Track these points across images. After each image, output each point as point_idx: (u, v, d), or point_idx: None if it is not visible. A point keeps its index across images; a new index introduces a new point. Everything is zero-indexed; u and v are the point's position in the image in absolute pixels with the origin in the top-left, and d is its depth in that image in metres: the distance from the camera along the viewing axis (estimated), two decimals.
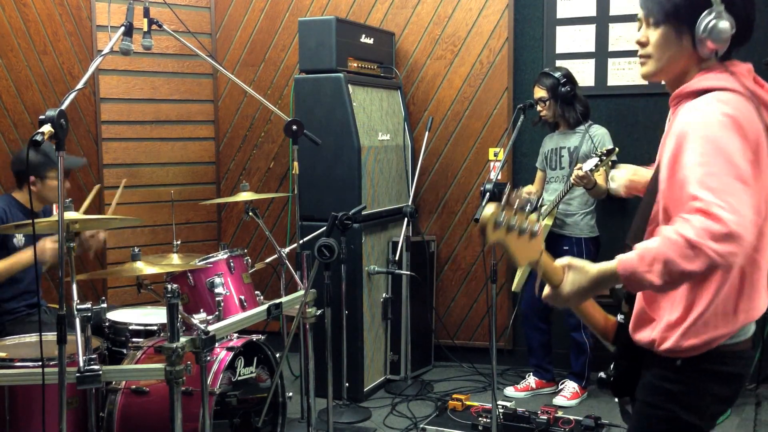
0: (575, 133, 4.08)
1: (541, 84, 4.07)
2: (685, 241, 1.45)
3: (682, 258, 1.46)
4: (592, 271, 1.61)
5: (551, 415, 3.60)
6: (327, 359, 3.19)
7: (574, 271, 1.62)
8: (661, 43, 1.69)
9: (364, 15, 4.88)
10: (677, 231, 1.48)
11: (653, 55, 1.72)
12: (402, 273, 4.33)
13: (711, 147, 1.51)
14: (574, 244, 4.04)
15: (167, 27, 3.38)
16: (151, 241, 4.88)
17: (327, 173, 4.17)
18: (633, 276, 1.53)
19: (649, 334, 1.72)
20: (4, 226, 3.15)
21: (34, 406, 2.72)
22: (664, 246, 1.49)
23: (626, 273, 1.55)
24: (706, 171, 1.49)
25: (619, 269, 1.56)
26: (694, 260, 1.45)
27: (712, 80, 1.64)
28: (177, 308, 2.52)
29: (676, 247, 1.47)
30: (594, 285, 1.61)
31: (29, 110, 4.38)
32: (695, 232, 1.45)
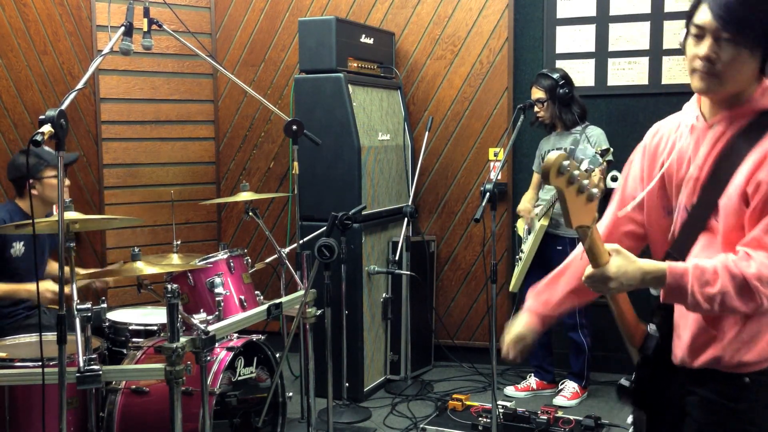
0: (571, 134, 4.07)
1: (539, 85, 4.07)
2: (743, 279, 1.50)
3: (738, 295, 1.51)
4: (640, 263, 1.59)
5: (551, 415, 3.60)
6: (327, 359, 3.19)
7: (623, 257, 1.58)
8: (737, 63, 1.60)
9: (364, 15, 4.88)
10: (738, 265, 1.52)
11: (723, 74, 1.62)
12: (402, 273, 4.33)
13: None
14: (568, 244, 4.05)
15: (167, 27, 3.38)
16: (151, 241, 4.88)
17: (327, 173, 4.17)
18: (680, 288, 1.55)
19: (713, 353, 1.68)
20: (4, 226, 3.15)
21: (34, 406, 2.72)
22: (723, 274, 1.53)
23: (674, 282, 1.55)
24: None
25: (668, 274, 1.56)
26: (748, 302, 1.51)
27: None
28: (177, 308, 2.52)
29: (734, 282, 1.51)
30: (639, 276, 1.58)
31: (29, 110, 4.38)
32: (755, 274, 1.50)
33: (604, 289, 1.60)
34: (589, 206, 1.54)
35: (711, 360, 1.67)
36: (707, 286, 1.52)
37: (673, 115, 1.85)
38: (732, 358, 1.65)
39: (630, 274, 1.57)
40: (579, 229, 1.54)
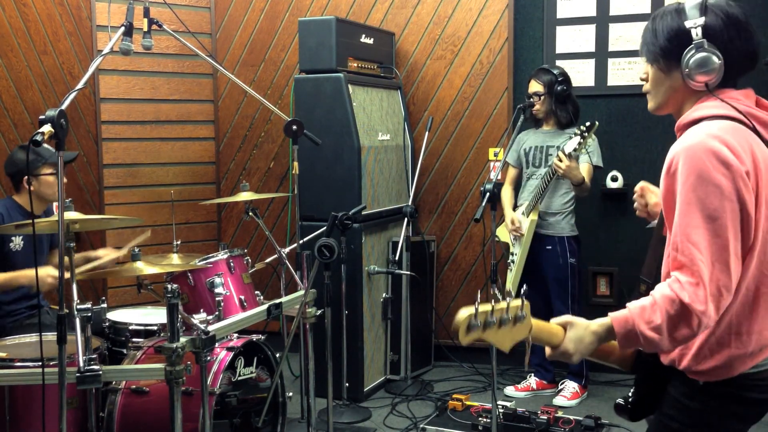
0: (565, 133, 4.07)
1: (539, 79, 4.09)
2: (680, 302, 1.54)
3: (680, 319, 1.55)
4: (592, 327, 1.64)
5: (551, 415, 3.60)
6: (327, 359, 3.19)
7: (575, 329, 1.64)
8: (655, 79, 1.77)
9: (364, 15, 4.88)
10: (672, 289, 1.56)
11: (651, 92, 1.79)
12: (402, 273, 4.33)
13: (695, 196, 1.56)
14: (557, 243, 4.07)
15: (167, 27, 3.38)
16: (151, 241, 4.86)
17: (327, 173, 4.17)
18: (628, 332, 1.59)
19: (672, 355, 1.73)
20: (4, 226, 3.15)
21: (34, 406, 2.72)
22: (661, 302, 1.57)
23: (622, 329, 1.60)
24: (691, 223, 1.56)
25: (613, 324, 1.61)
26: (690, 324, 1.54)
27: (704, 109, 1.67)
28: (177, 308, 2.52)
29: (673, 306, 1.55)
30: (595, 339, 1.64)
31: (29, 110, 4.38)
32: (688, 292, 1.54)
33: (570, 361, 1.66)
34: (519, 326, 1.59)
35: (670, 360, 1.74)
36: (652, 320, 1.57)
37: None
38: (681, 361, 1.70)
39: (587, 341, 1.64)
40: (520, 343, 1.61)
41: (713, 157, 1.56)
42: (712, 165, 1.56)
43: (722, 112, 1.65)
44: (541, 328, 1.64)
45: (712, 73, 1.64)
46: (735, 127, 1.62)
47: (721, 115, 1.64)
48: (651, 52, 1.74)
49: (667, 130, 1.86)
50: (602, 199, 4.49)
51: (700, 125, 1.64)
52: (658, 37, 1.72)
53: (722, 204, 1.55)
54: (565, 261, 4.06)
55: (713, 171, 1.55)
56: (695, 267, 1.54)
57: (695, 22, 1.65)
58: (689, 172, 1.57)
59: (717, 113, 1.65)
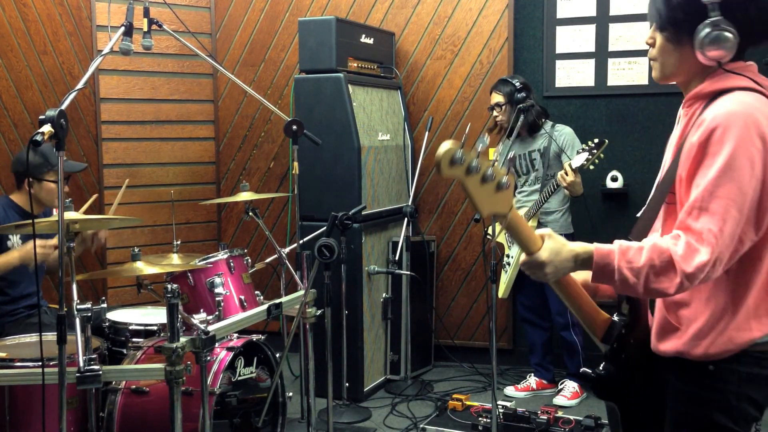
0: (539, 136, 4.11)
1: (498, 90, 4.15)
2: (669, 256, 1.52)
3: (663, 270, 1.52)
4: (571, 246, 1.62)
5: (551, 415, 3.60)
6: (327, 359, 3.19)
7: (554, 241, 1.61)
8: (663, 48, 1.70)
9: (364, 15, 4.88)
10: (666, 242, 1.54)
11: (658, 59, 1.73)
12: (402, 273, 4.33)
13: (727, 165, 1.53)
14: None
15: (167, 27, 3.38)
16: (151, 241, 4.88)
17: (327, 173, 4.17)
18: (606, 265, 1.57)
19: (676, 345, 1.68)
20: (4, 226, 3.15)
21: (34, 406, 2.72)
22: (649, 249, 1.55)
23: (601, 260, 1.57)
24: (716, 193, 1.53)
25: (595, 253, 1.58)
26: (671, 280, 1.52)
27: (732, 80, 1.63)
28: (177, 308, 2.52)
29: (661, 257, 1.53)
30: (571, 258, 1.61)
31: (29, 110, 4.38)
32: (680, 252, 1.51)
33: (540, 274, 1.62)
34: (500, 195, 1.53)
35: (674, 352, 1.69)
36: (633, 261, 1.54)
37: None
38: (693, 351, 1.66)
39: (563, 257, 1.60)
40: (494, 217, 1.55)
41: (752, 130, 1.53)
42: (750, 138, 1.53)
43: (749, 84, 1.62)
44: (521, 223, 1.60)
45: (727, 50, 1.59)
46: (762, 100, 1.60)
47: (749, 87, 1.61)
48: (661, 19, 1.67)
49: (667, 130, 1.84)
50: (602, 199, 4.49)
51: (735, 95, 1.60)
52: (671, 6, 1.64)
53: (750, 181, 1.53)
54: None
55: (750, 144, 1.53)
56: (704, 234, 1.51)
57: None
58: (731, 140, 1.53)
59: (746, 85, 1.62)
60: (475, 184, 1.50)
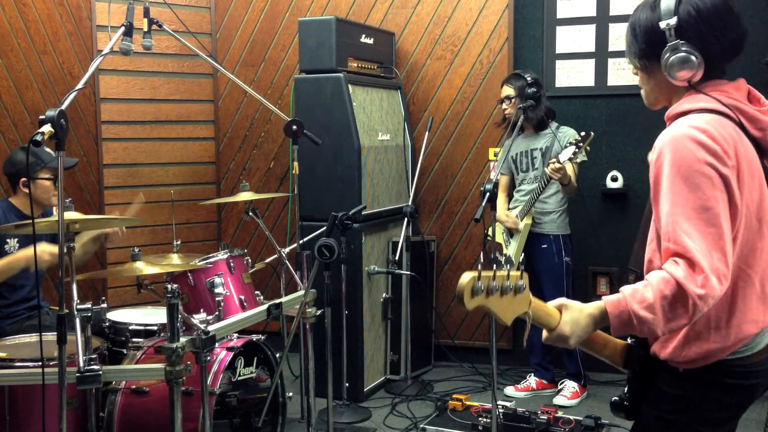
0: (543, 135, 4.11)
1: (510, 83, 4.15)
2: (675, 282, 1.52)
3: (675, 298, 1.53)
4: (587, 310, 1.63)
5: (551, 415, 3.60)
6: (327, 359, 3.19)
7: (570, 312, 1.63)
8: (641, 78, 1.80)
9: (364, 15, 4.88)
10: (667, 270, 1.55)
11: (643, 88, 1.82)
12: (402, 273, 4.33)
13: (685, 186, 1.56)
14: (552, 242, 4.08)
15: (167, 27, 3.38)
16: (151, 241, 4.88)
17: (327, 173, 4.17)
18: (621, 314, 1.57)
19: (655, 347, 1.75)
20: (4, 226, 3.15)
21: (34, 406, 2.72)
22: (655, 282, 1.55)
23: (615, 311, 1.58)
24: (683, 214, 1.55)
25: (606, 306, 1.59)
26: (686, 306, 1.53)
27: (691, 102, 1.68)
28: (177, 308, 2.52)
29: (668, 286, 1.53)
30: (591, 323, 1.63)
31: (29, 110, 4.38)
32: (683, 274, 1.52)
33: (566, 345, 1.65)
34: (519, 297, 1.57)
35: (652, 351, 1.75)
36: (644, 299, 1.55)
37: None
38: (661, 351, 1.71)
39: (582, 324, 1.62)
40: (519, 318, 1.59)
41: (701, 148, 1.56)
42: (700, 156, 1.56)
43: (708, 105, 1.65)
44: (539, 307, 1.62)
45: (692, 69, 1.65)
46: (720, 121, 1.63)
47: (707, 109, 1.65)
48: (632, 52, 1.78)
49: None
50: (602, 199, 4.50)
51: (685, 119, 1.64)
52: (636, 39, 1.74)
53: (714, 193, 1.55)
54: (560, 259, 4.07)
55: (701, 162, 1.56)
56: (690, 255, 1.53)
57: (668, 23, 1.65)
58: (677, 163, 1.57)
59: (703, 106, 1.65)
60: (497, 301, 1.54)
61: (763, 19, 4.10)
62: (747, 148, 1.64)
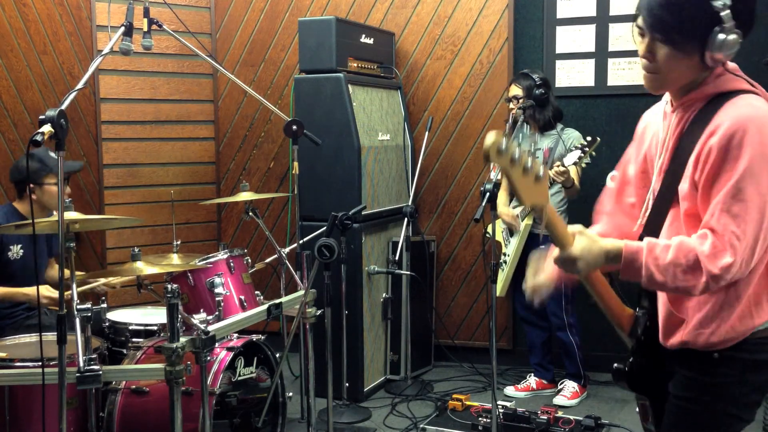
0: (548, 135, 4.10)
1: (518, 83, 4.12)
2: (695, 255, 1.54)
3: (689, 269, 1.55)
4: (602, 242, 1.65)
5: (551, 415, 3.60)
6: (327, 359, 3.19)
7: (586, 238, 1.64)
8: (670, 59, 1.66)
9: (364, 15, 4.88)
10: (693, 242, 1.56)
11: (662, 71, 1.69)
12: (402, 273, 4.32)
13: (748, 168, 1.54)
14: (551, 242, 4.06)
15: (167, 27, 3.38)
16: (151, 241, 4.88)
17: (327, 173, 4.17)
18: (634, 261, 1.59)
19: (680, 336, 1.71)
20: (4, 226, 3.15)
21: (34, 406, 2.72)
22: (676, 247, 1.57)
23: (629, 256, 1.60)
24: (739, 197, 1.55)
25: (624, 250, 1.61)
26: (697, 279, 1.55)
27: (733, 82, 1.66)
28: (177, 308, 2.52)
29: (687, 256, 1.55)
30: (603, 255, 1.64)
31: (29, 110, 4.38)
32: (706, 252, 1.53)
33: (573, 269, 1.66)
34: (538, 186, 1.55)
35: (680, 343, 1.72)
36: (660, 258, 1.58)
37: (661, 101, 1.92)
38: (697, 341, 1.69)
39: (594, 253, 1.63)
40: (534, 208, 1.58)
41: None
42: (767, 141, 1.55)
43: (748, 87, 1.66)
44: (556, 217, 1.63)
45: (734, 52, 1.62)
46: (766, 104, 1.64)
47: (749, 90, 1.65)
48: (669, 31, 1.62)
49: None
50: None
51: (745, 98, 1.62)
52: (678, 15, 1.60)
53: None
54: None
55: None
56: (728, 238, 1.54)
57: (723, 3, 1.57)
58: (751, 144, 1.55)
59: (746, 88, 1.65)
60: (518, 174, 1.52)
61: (763, 19, 4.10)
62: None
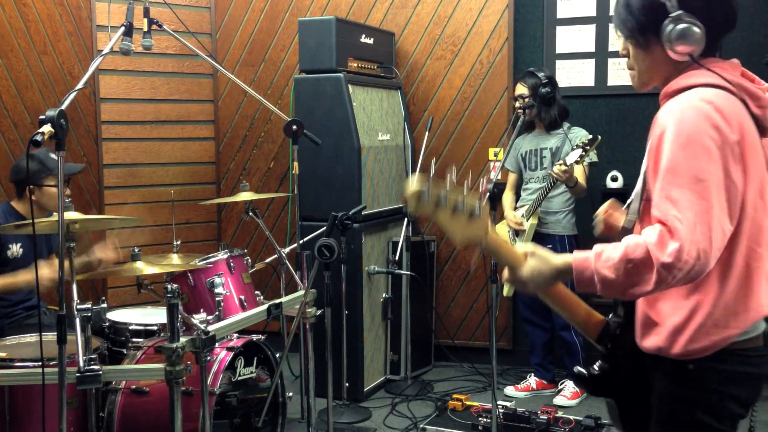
0: (554, 134, 4.09)
1: (524, 82, 4.11)
2: (645, 247, 1.50)
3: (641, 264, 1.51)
4: (554, 261, 1.64)
5: (551, 415, 3.60)
6: (327, 359, 3.19)
7: (537, 259, 1.64)
8: (636, 55, 1.73)
9: (364, 15, 4.88)
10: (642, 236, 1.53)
11: (635, 67, 1.75)
12: (402, 273, 4.33)
13: (682, 155, 1.53)
14: (557, 242, 4.07)
15: (167, 27, 3.38)
16: (151, 241, 4.88)
17: (327, 173, 4.17)
18: (584, 270, 1.57)
19: (656, 341, 1.67)
20: (4, 226, 3.15)
21: (34, 406, 2.72)
22: (624, 244, 1.54)
23: (579, 266, 1.58)
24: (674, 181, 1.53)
25: (573, 262, 1.60)
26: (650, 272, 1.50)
27: (694, 77, 1.64)
28: (177, 308, 2.52)
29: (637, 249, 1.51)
30: (554, 274, 1.63)
31: (29, 110, 4.38)
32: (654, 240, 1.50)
33: (525, 289, 1.66)
34: (474, 223, 1.56)
35: (654, 348, 1.68)
36: (609, 259, 1.54)
37: None
38: (672, 349, 1.64)
39: (545, 274, 1.63)
40: (470, 244, 1.58)
41: (705, 121, 1.54)
42: (703, 128, 1.53)
43: (713, 80, 1.62)
44: (502, 245, 1.63)
45: (695, 43, 1.60)
46: (726, 97, 1.60)
47: (711, 84, 1.62)
48: (627, 29, 1.70)
49: None
50: (602, 199, 4.47)
51: (692, 91, 1.61)
52: (632, 13, 1.67)
53: (709, 167, 1.52)
54: None
55: (704, 134, 1.53)
56: (670, 222, 1.50)
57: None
58: (679, 133, 1.54)
59: (708, 81, 1.62)
60: (446, 217, 1.54)
61: (764, 19, 4.10)
62: (750, 126, 1.62)
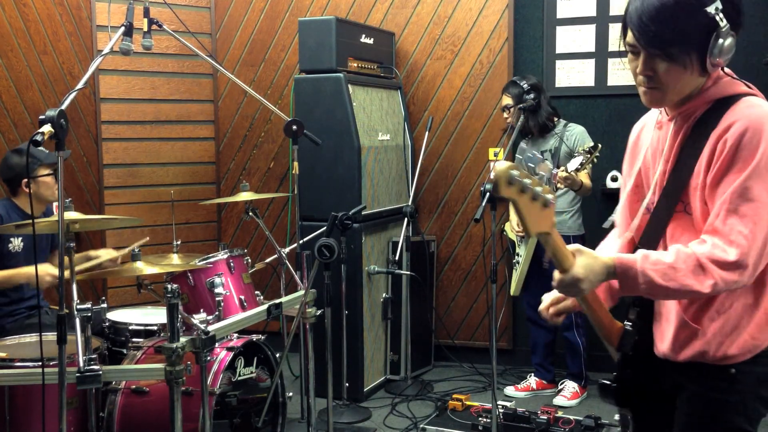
0: (550, 136, 4.09)
1: (508, 92, 4.13)
2: (695, 257, 1.52)
3: (691, 272, 1.52)
4: (603, 258, 1.61)
5: (551, 415, 3.60)
6: (327, 359, 3.19)
7: (587, 256, 1.60)
8: (672, 73, 1.62)
9: (364, 15, 4.88)
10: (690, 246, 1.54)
11: (667, 85, 1.64)
12: (402, 273, 4.33)
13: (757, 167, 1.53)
14: None
15: (167, 27, 3.38)
16: (151, 241, 4.86)
17: (327, 173, 4.17)
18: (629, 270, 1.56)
19: (698, 347, 1.67)
20: (4, 226, 3.15)
21: (34, 406, 2.72)
22: (673, 252, 1.55)
23: (623, 266, 1.57)
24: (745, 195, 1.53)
25: (617, 263, 1.58)
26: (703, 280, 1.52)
27: (734, 86, 1.65)
28: (177, 308, 2.52)
29: (688, 260, 1.53)
30: (605, 271, 1.60)
31: (29, 110, 4.38)
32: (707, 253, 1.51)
33: (575, 291, 1.61)
34: (545, 212, 1.54)
35: (695, 354, 1.68)
36: (658, 263, 1.54)
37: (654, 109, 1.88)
38: (716, 352, 1.65)
39: (597, 271, 1.60)
40: (539, 235, 1.55)
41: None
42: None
43: (747, 90, 1.64)
44: (560, 241, 1.59)
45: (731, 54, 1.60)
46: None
47: (749, 93, 1.64)
48: (665, 47, 1.58)
49: None
50: (602, 199, 4.49)
51: (750, 99, 1.61)
52: (677, 30, 1.56)
53: None
54: None
55: None
56: (733, 236, 1.50)
57: (716, 6, 1.54)
58: (763, 143, 1.53)
59: (746, 90, 1.64)
60: (527, 202, 1.51)
61: (764, 19, 4.10)
62: None
